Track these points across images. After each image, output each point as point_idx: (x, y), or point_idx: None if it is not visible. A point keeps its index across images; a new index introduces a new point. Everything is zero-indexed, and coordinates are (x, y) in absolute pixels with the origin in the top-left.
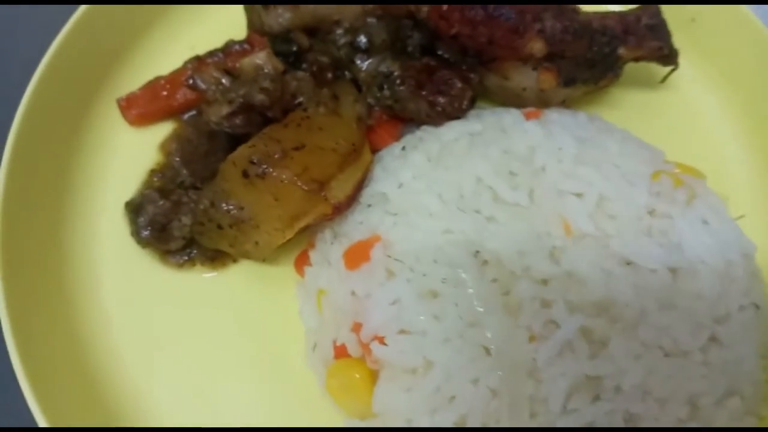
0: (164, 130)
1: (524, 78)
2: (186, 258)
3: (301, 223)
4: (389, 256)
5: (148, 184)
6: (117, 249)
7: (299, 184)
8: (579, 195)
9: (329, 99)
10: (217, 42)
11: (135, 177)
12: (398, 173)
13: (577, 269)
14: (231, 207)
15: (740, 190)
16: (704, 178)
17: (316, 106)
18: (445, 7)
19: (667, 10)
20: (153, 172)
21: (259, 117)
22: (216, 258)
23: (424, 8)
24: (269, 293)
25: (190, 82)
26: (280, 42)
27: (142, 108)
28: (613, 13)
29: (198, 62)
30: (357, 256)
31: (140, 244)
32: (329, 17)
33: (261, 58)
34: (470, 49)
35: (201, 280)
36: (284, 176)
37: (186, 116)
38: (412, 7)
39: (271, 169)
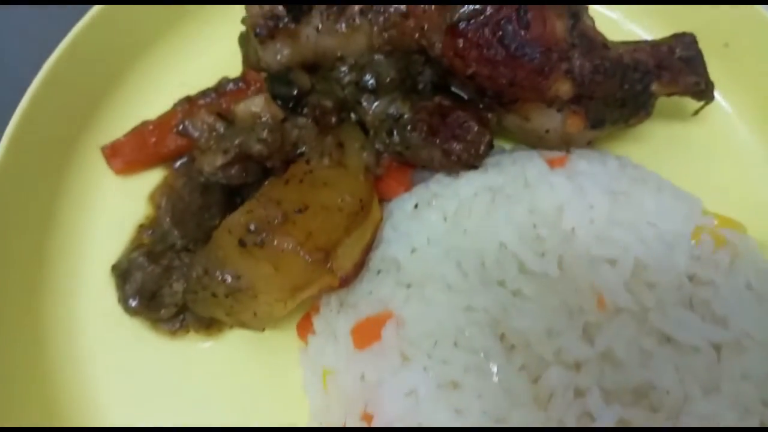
0: (154, 178)
1: (547, 119)
2: (178, 325)
3: (304, 295)
4: (403, 339)
5: (136, 242)
6: (103, 314)
7: (302, 254)
8: (613, 262)
9: (334, 148)
10: (211, 78)
11: (123, 232)
12: (411, 235)
13: (613, 349)
14: (227, 276)
15: None
16: (745, 232)
17: (320, 157)
18: (461, 43)
19: (697, 33)
20: (142, 228)
21: (257, 166)
22: (212, 324)
23: (438, 44)
24: (270, 362)
25: (181, 128)
26: (278, 84)
27: (128, 156)
28: (645, 43)
29: (189, 104)
30: (367, 334)
31: (128, 313)
32: (332, 53)
33: (258, 104)
34: (488, 90)
35: (195, 347)
36: (286, 245)
37: (177, 164)
38: (423, 41)
39: (270, 237)
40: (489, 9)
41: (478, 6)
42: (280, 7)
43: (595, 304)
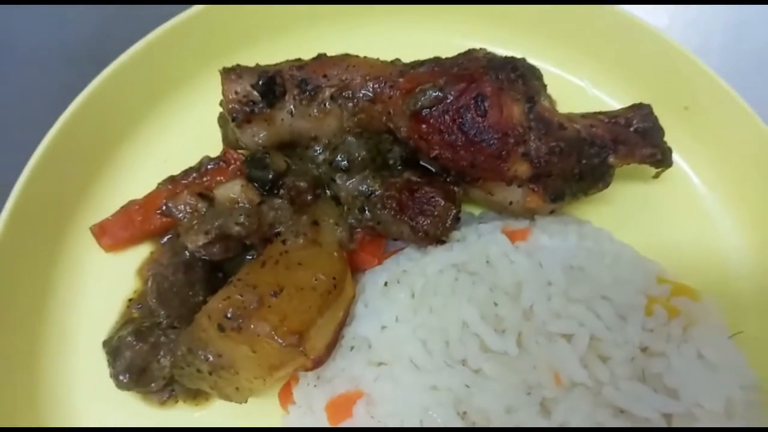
0: (142, 253)
1: (509, 194)
2: (167, 396)
3: (281, 373)
4: (373, 417)
5: (126, 316)
6: (95, 384)
7: (276, 338)
8: (569, 337)
9: (308, 227)
10: (193, 154)
11: (113, 306)
12: (381, 313)
13: (570, 422)
14: (209, 355)
15: (742, 288)
16: (699, 299)
17: (295, 237)
18: (424, 128)
19: (658, 97)
20: (131, 302)
21: (237, 243)
22: (199, 395)
23: (403, 128)
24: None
25: (164, 209)
26: (255, 168)
27: (116, 235)
28: (603, 115)
29: (173, 184)
30: (340, 410)
31: (119, 387)
32: (306, 133)
33: (235, 191)
34: (452, 170)
35: (185, 417)
36: (260, 330)
37: (163, 240)
38: (390, 124)
39: (247, 323)
40: (450, 96)
41: (439, 93)
42: (255, 93)
43: (552, 380)
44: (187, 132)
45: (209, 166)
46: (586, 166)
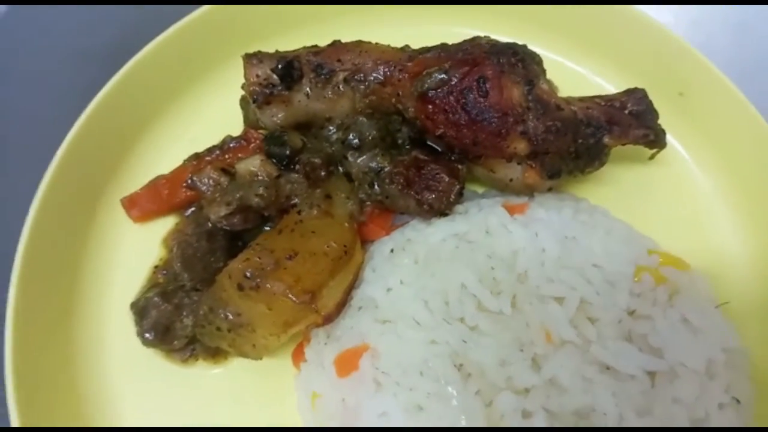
0: (167, 224)
1: (510, 171)
2: (189, 354)
3: (294, 330)
4: (377, 368)
5: (152, 281)
6: (125, 343)
7: (291, 296)
8: (560, 300)
9: (322, 200)
10: (216, 135)
11: (140, 272)
12: (387, 277)
13: (558, 377)
14: (228, 314)
15: (732, 266)
16: (687, 269)
17: (309, 208)
18: (430, 108)
19: (655, 84)
20: (157, 269)
21: (256, 214)
22: (217, 353)
23: (411, 109)
24: (269, 386)
25: (189, 182)
26: (273, 145)
27: (144, 207)
28: (600, 98)
29: (197, 160)
30: (347, 363)
31: (145, 345)
32: (321, 114)
33: (255, 164)
34: (456, 147)
35: (205, 374)
36: (277, 289)
37: (188, 212)
38: (399, 106)
39: (264, 282)
40: (454, 79)
41: (444, 76)
42: (275, 76)
43: (543, 338)
44: (212, 114)
45: (231, 144)
46: (582, 146)
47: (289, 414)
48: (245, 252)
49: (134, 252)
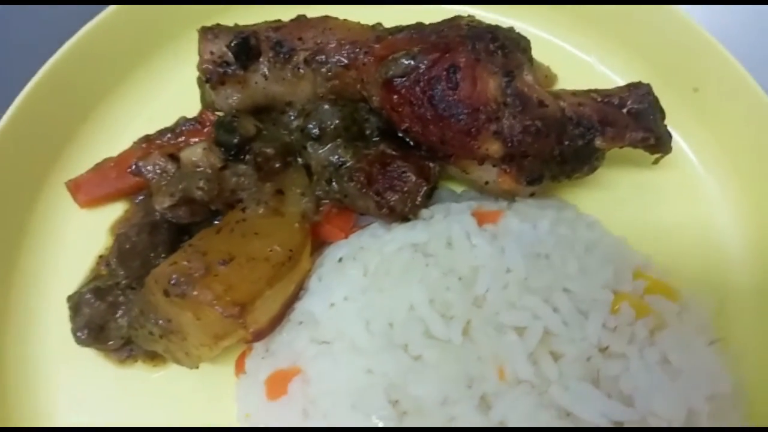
0: (118, 210)
1: (484, 173)
2: (126, 355)
3: (226, 343)
4: (306, 396)
5: (95, 272)
6: (62, 339)
7: (217, 308)
8: (520, 330)
9: (272, 195)
10: (177, 114)
11: (86, 262)
12: (332, 289)
13: (509, 421)
14: (159, 319)
15: (739, 292)
16: (677, 299)
17: (256, 205)
18: (395, 98)
19: (667, 77)
20: (101, 259)
21: (205, 208)
22: (156, 356)
23: (375, 97)
24: (212, 393)
25: (134, 168)
26: (222, 132)
27: (90, 191)
28: (597, 93)
29: (147, 143)
30: (277, 386)
31: (78, 344)
32: (281, 98)
33: (197, 154)
34: (423, 144)
35: (144, 376)
36: (203, 298)
37: (138, 198)
38: (364, 93)
39: (190, 290)
40: (422, 66)
41: (411, 62)
42: (230, 54)
43: (496, 373)
44: (174, 91)
45: (184, 127)
46: (568, 148)
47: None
48: (175, 254)
49: (80, 239)
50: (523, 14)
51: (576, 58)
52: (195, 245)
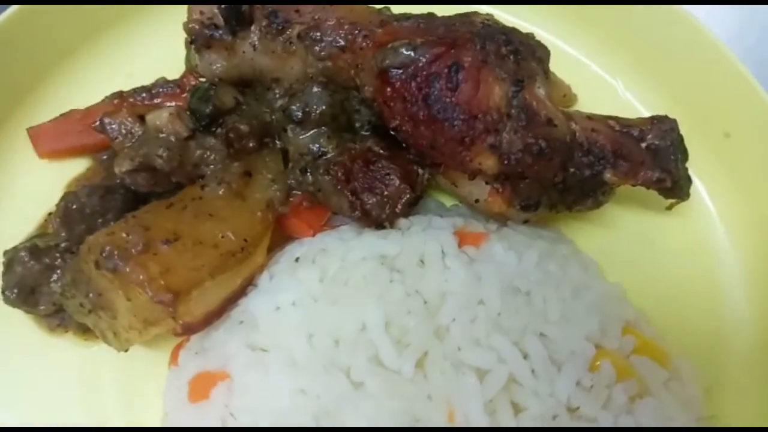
0: (81, 166)
1: (475, 189)
2: (57, 323)
3: (156, 331)
4: (228, 406)
5: (41, 229)
6: None
7: (147, 291)
8: (482, 373)
9: (237, 177)
10: (158, 74)
11: (35, 217)
12: (282, 291)
13: None
14: (89, 291)
15: (737, 361)
16: (667, 367)
17: (217, 184)
18: (388, 90)
19: (698, 115)
20: (50, 216)
21: (167, 177)
22: (89, 329)
23: (368, 87)
24: (141, 379)
25: (98, 124)
26: (197, 98)
27: (52, 142)
28: (616, 120)
29: (119, 99)
30: (200, 388)
31: (6, 303)
32: (268, 73)
33: (162, 118)
34: (411, 147)
35: (70, 349)
36: (134, 277)
37: (103, 157)
38: (357, 80)
39: (123, 265)
40: (422, 59)
41: (412, 53)
42: (221, 17)
43: (445, 416)
44: (161, 50)
45: (161, 89)
46: (573, 176)
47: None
48: (116, 224)
49: (35, 191)
50: (549, 23)
51: (600, 79)
52: (139, 217)
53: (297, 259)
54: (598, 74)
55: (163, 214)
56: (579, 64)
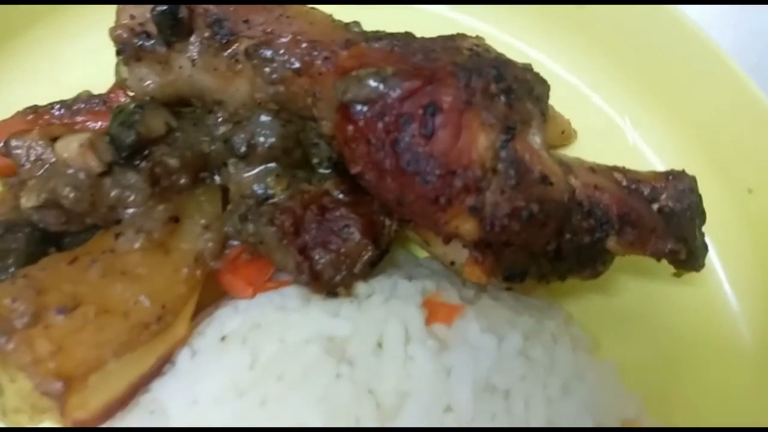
0: None
1: (450, 252)
2: None
3: (46, 418)
4: None
5: None
6: None
7: (32, 377)
8: None
9: (161, 223)
10: (85, 85)
11: None
12: (201, 379)
13: None
14: None
15: None
16: None
17: (135, 233)
18: (350, 129)
19: (718, 167)
20: None
21: (82, 216)
22: None
23: (326, 122)
24: None
25: (3, 147)
26: (118, 123)
27: None
28: (623, 173)
29: (33, 116)
30: None
31: None
32: (210, 93)
33: (71, 149)
34: (376, 198)
35: None
36: (16, 358)
37: (13, 182)
38: (315, 110)
39: (4, 342)
40: (392, 94)
41: (380, 86)
42: (153, 24)
43: None
44: (89, 54)
45: (83, 105)
46: (569, 243)
47: None
48: (2, 284)
49: None
50: (548, 45)
51: (604, 115)
52: (32, 277)
53: (224, 338)
54: (603, 109)
55: (63, 273)
56: (581, 96)
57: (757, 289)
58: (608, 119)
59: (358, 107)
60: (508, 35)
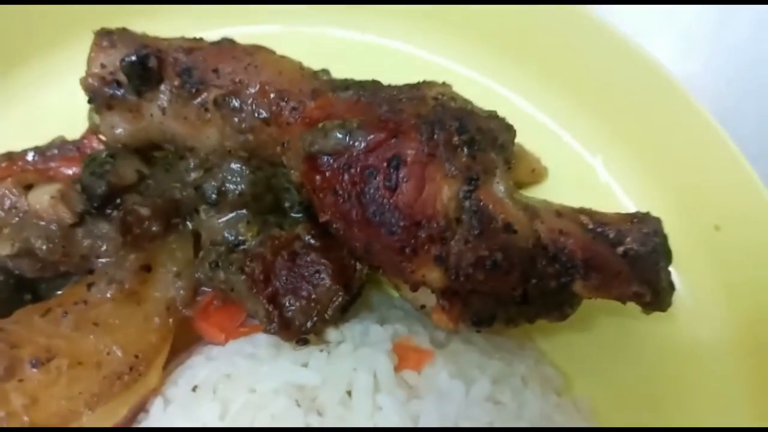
0: None
1: (420, 295)
2: None
3: None
4: None
5: None
6: None
7: None
8: None
9: (133, 273)
10: (60, 130)
11: None
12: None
13: None
14: None
15: None
16: None
17: (107, 284)
18: (318, 179)
19: (685, 203)
20: None
21: (55, 264)
22: None
23: (294, 171)
24: None
25: None
26: (91, 173)
27: None
28: (589, 217)
29: (7, 163)
30: None
31: None
32: (181, 140)
33: (43, 201)
34: (345, 246)
35: None
36: None
37: None
38: (284, 158)
39: None
40: (358, 146)
41: (346, 139)
42: (122, 73)
43: None
44: (64, 97)
45: (57, 151)
46: (535, 288)
47: None
48: None
49: None
50: (516, 82)
51: (577, 157)
52: (5, 330)
53: (195, 389)
54: (574, 149)
55: (36, 326)
56: (551, 135)
57: (728, 323)
58: (578, 157)
59: (325, 158)
60: (481, 75)
